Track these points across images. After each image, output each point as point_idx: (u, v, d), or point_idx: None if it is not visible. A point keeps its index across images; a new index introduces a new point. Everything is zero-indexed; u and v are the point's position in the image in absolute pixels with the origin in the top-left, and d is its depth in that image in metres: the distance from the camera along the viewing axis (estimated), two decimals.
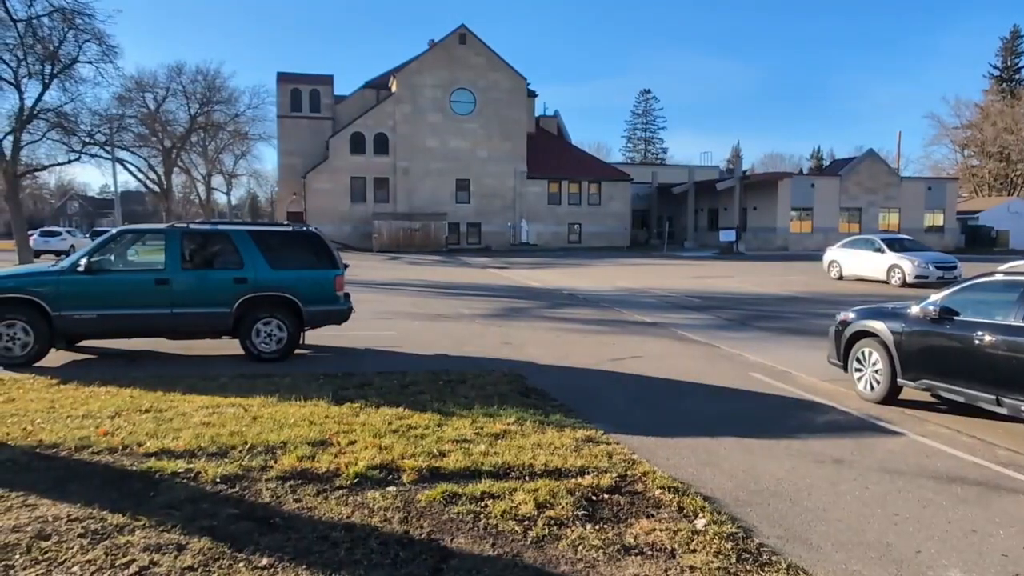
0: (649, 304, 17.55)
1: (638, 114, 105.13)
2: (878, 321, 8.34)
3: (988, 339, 6.91)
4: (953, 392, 7.40)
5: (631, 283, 22.81)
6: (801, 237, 46.12)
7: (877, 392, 8.21)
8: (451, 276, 26.12)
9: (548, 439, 6.43)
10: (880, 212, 48.50)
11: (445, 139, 46.75)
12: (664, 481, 5.53)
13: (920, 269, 22.02)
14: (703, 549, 4.41)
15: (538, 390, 8.41)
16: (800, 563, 4.31)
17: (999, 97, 74.60)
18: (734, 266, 31.43)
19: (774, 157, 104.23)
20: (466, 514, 4.86)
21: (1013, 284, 7.13)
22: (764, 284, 22.97)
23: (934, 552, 4.52)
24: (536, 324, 14.24)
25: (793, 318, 15.19)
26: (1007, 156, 72.56)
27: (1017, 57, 79.65)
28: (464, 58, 46.84)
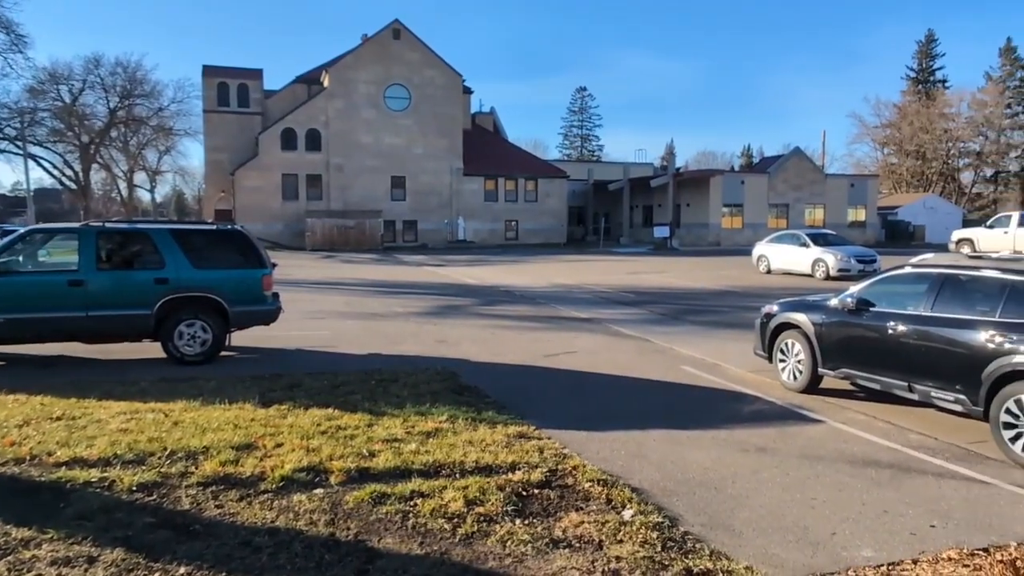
0: (584, 300, 17.74)
1: (574, 111, 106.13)
2: (800, 313, 8.62)
3: (900, 329, 7.23)
4: (869, 380, 7.72)
5: (567, 279, 23.02)
6: (732, 233, 47.36)
7: (800, 382, 8.50)
8: (386, 274, 25.82)
9: (480, 436, 6.42)
10: (806, 208, 50.21)
11: (380, 136, 46.11)
12: (594, 474, 5.59)
13: (842, 263, 22.91)
14: (630, 539, 4.47)
15: (472, 387, 8.39)
16: (722, 549, 4.42)
17: (915, 98, 78.28)
18: (668, 261, 32.07)
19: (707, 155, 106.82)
20: (395, 514, 4.81)
21: (922, 276, 7.47)
22: (696, 279, 23.52)
23: (848, 533, 4.70)
24: (472, 322, 14.21)
25: (723, 311, 15.60)
26: (923, 154, 76.23)
27: (932, 60, 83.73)
28: (399, 54, 46.30)
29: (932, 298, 7.10)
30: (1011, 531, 4.74)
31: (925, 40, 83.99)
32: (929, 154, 75.90)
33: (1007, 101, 77.09)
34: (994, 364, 6.27)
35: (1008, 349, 6.19)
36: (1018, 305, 6.35)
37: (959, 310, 6.83)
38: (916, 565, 4.21)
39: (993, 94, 75.98)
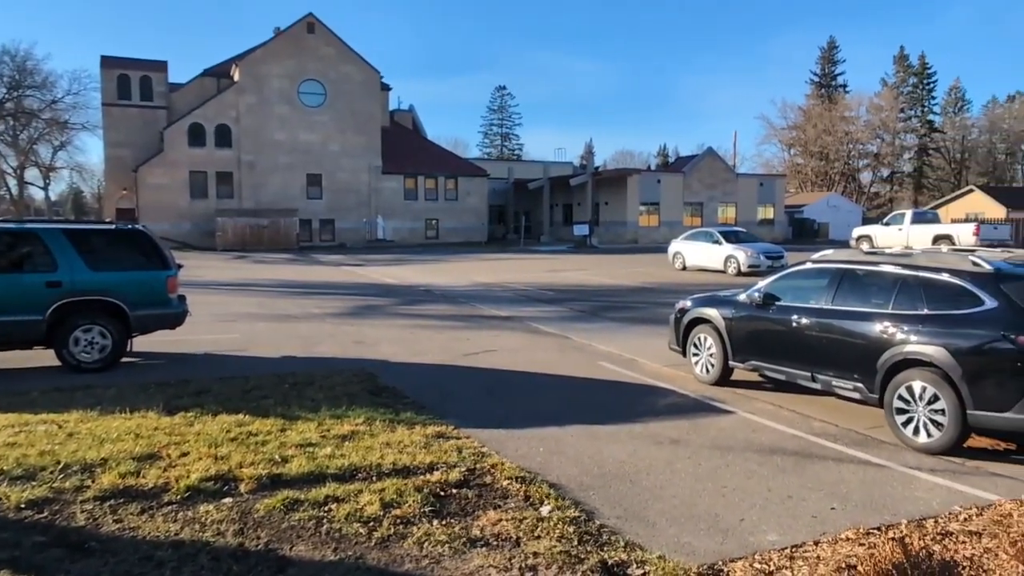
0: (505, 298, 17.79)
1: (494, 110, 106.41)
2: (711, 308, 8.90)
3: (803, 321, 7.56)
4: (776, 371, 8.03)
5: (488, 278, 23.03)
6: (649, 230, 48.54)
7: (712, 374, 8.76)
8: (302, 275, 25.16)
9: (398, 438, 6.32)
10: (719, 206, 52.00)
11: (294, 132, 44.86)
12: (512, 472, 5.59)
13: (752, 259, 23.82)
14: (547, 535, 4.49)
15: (390, 388, 8.26)
16: (637, 540, 4.50)
17: (819, 101, 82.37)
18: (587, 259, 32.57)
19: (625, 154, 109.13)
20: (308, 520, 4.67)
21: (823, 271, 7.83)
22: (615, 276, 23.97)
23: (755, 519, 4.87)
24: (390, 322, 14.02)
25: (641, 308, 15.95)
26: (826, 155, 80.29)
27: (833, 66, 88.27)
28: (313, 48, 45.19)
29: (832, 292, 7.44)
30: (903, 510, 5.02)
31: (827, 47, 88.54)
32: (832, 155, 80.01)
33: (901, 106, 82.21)
34: (888, 353, 6.63)
35: (900, 339, 6.56)
36: (909, 298, 6.73)
37: (856, 303, 7.19)
38: (817, 546, 4.40)
39: (888, 99, 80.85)
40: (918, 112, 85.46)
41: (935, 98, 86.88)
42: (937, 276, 6.63)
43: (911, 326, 6.53)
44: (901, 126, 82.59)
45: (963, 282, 6.42)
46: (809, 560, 4.21)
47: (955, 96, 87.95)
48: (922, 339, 6.40)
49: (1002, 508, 4.98)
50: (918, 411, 6.37)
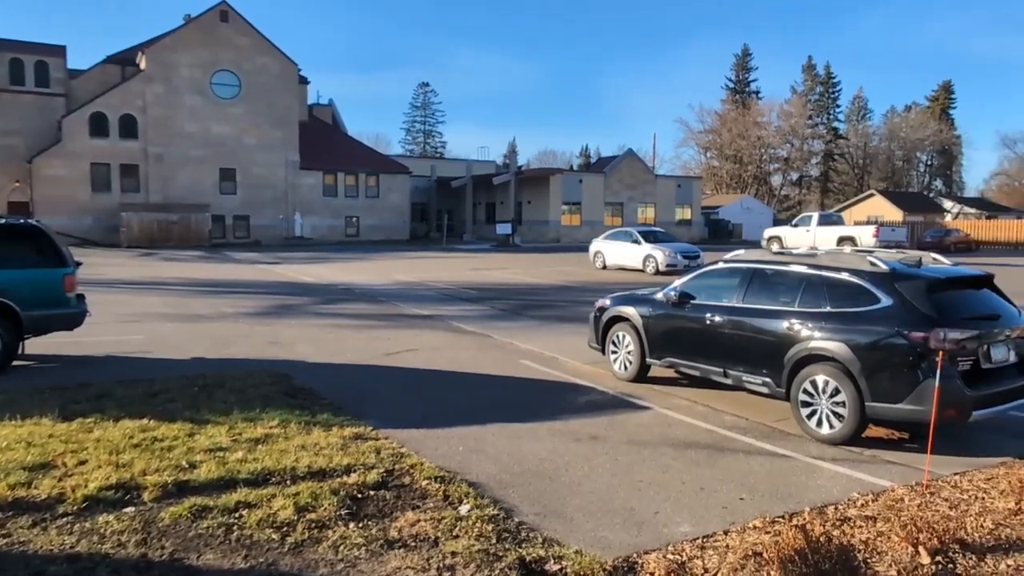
0: (427, 297, 17.65)
1: (417, 107, 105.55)
2: (629, 306, 9.07)
3: (716, 319, 7.81)
4: (691, 367, 8.27)
5: (410, 276, 22.81)
6: (571, 230, 49.21)
7: (630, 372, 8.94)
8: (214, 273, 24.24)
9: (314, 440, 6.17)
10: (639, 207, 53.23)
11: (206, 124, 43.09)
12: (431, 472, 5.55)
13: (670, 258, 24.48)
14: (465, 534, 4.48)
15: (306, 389, 8.05)
16: (555, 536, 4.54)
17: (734, 107, 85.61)
18: (510, 258, 32.71)
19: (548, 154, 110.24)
20: (217, 528, 4.49)
21: (734, 271, 8.11)
22: (537, 275, 24.16)
23: (669, 511, 5.00)
24: (308, 321, 13.67)
25: (562, 306, 16.12)
26: (740, 159, 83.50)
27: (747, 72, 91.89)
28: (227, 37, 43.54)
29: (743, 291, 7.72)
30: (806, 498, 5.26)
31: (741, 54, 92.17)
32: (745, 159, 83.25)
33: (809, 113, 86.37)
34: (793, 349, 6.93)
35: (805, 336, 6.86)
36: (813, 296, 7.04)
37: (765, 301, 7.47)
38: (727, 535, 4.55)
39: (798, 106, 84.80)
40: (824, 119, 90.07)
41: (840, 106, 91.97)
42: (838, 275, 6.97)
43: (815, 323, 6.84)
44: (809, 132, 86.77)
45: (862, 281, 6.77)
46: (719, 549, 4.35)
47: (858, 105, 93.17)
48: (825, 335, 6.71)
49: (895, 493, 5.29)
50: (821, 404, 6.68)
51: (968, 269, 7.27)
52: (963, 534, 4.35)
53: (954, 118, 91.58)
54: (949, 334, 6.11)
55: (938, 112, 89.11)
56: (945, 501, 5.12)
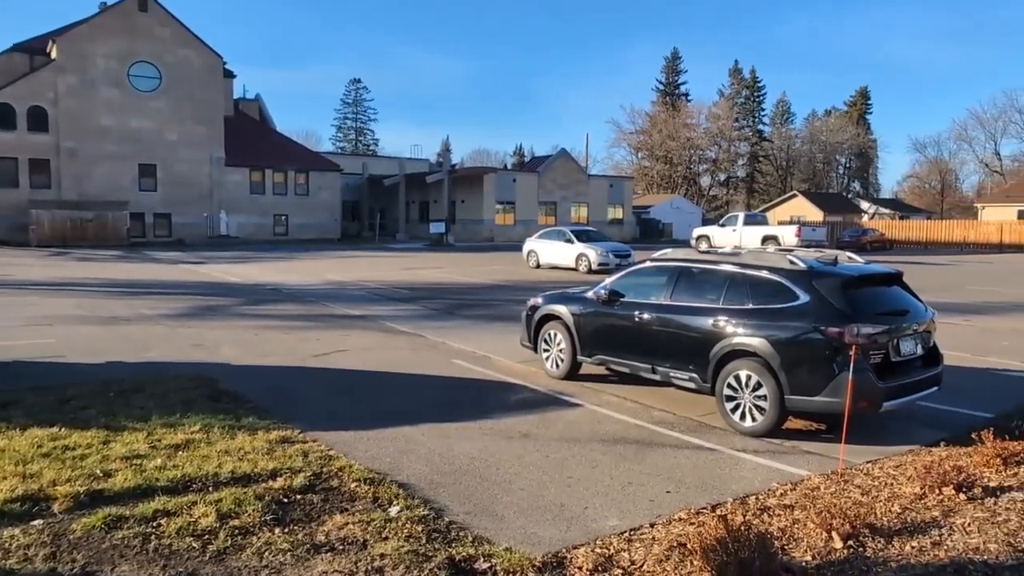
0: (358, 297, 17.39)
1: (348, 103, 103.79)
2: (561, 305, 9.16)
3: (645, 317, 7.96)
4: (620, 364, 8.40)
5: (341, 276, 22.42)
6: (505, 229, 49.34)
7: (562, 369, 9.03)
8: (133, 273, 23.24)
9: (238, 444, 6.00)
10: (572, 206, 53.78)
11: (124, 118, 41.17)
12: (361, 474, 5.48)
13: (602, 257, 24.83)
14: (395, 535, 4.43)
15: (231, 393, 7.81)
16: (485, 534, 4.54)
17: (664, 108, 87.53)
18: (444, 257, 32.56)
19: (481, 152, 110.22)
20: (133, 538, 4.32)
21: (662, 269, 8.28)
22: (470, 274, 24.13)
23: (598, 506, 5.07)
24: (233, 323, 13.27)
25: (495, 305, 16.14)
26: (670, 159, 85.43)
27: (677, 75, 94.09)
28: (146, 27, 41.73)
29: (670, 289, 7.89)
30: (729, 489, 5.43)
31: (671, 57, 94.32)
32: (675, 159, 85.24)
33: (735, 116, 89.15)
34: (718, 345, 7.13)
35: (729, 332, 7.07)
36: (737, 293, 7.26)
37: (692, 299, 7.65)
38: (653, 528, 4.65)
39: (725, 109, 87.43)
40: (750, 122, 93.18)
41: (765, 109, 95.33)
42: (760, 273, 7.20)
43: (738, 320, 7.06)
44: (736, 134, 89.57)
45: (781, 279, 7.02)
46: (645, 541, 4.44)
47: (782, 109, 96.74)
48: (748, 332, 6.93)
49: (811, 482, 5.51)
50: (744, 398, 6.89)
51: (879, 267, 7.64)
52: (873, 519, 4.57)
53: (870, 123, 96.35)
54: (862, 329, 6.40)
55: (856, 117, 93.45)
56: (858, 488, 5.37)
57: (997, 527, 4.48)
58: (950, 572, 3.87)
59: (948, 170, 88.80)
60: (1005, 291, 19.92)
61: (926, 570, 3.90)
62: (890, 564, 3.98)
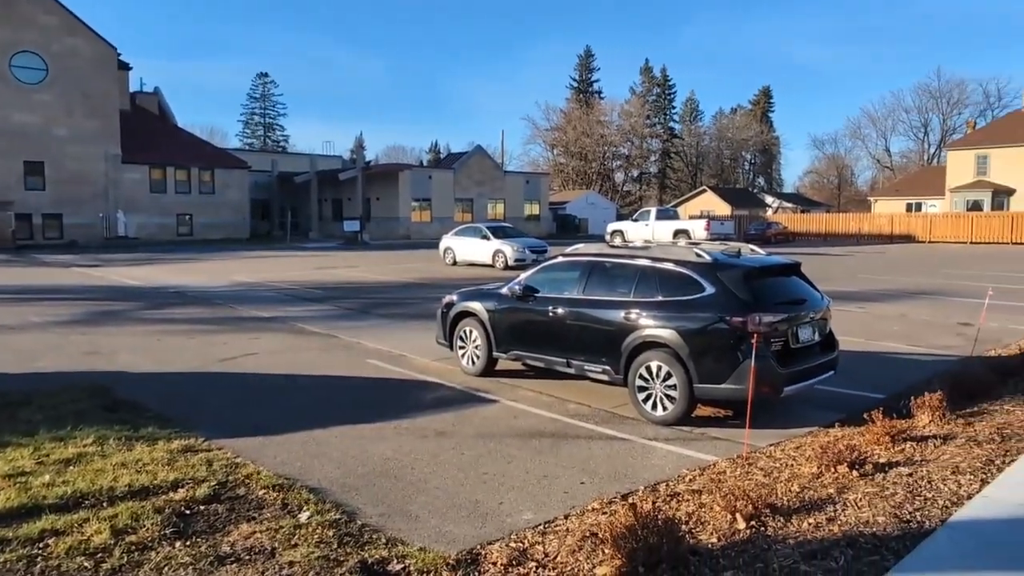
0: (268, 298, 16.84)
1: (256, 98, 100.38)
2: (476, 302, 9.13)
3: (559, 311, 8.03)
4: (536, 359, 8.45)
5: (250, 277, 21.67)
6: (421, 226, 48.93)
7: (478, 366, 9.01)
8: (19, 277, 21.70)
9: (136, 456, 5.69)
10: (489, 203, 53.88)
11: (6, 112, 38.27)
12: (269, 480, 5.30)
13: (519, 253, 24.97)
14: (305, 542, 4.31)
15: (129, 402, 7.41)
16: (399, 535, 4.47)
17: (578, 105, 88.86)
18: (358, 256, 31.97)
19: (396, 149, 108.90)
20: (16, 561, 4.02)
21: (575, 264, 8.38)
22: (386, 272, 23.79)
23: (513, 500, 5.08)
24: (133, 328, 12.59)
25: (411, 304, 15.96)
26: (585, 156, 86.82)
27: (590, 73, 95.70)
28: (29, 15, 38.96)
29: (583, 283, 7.99)
30: (641, 477, 5.55)
31: (584, 55, 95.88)
32: (590, 156, 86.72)
33: (647, 113, 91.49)
34: (630, 337, 7.27)
35: (640, 324, 7.22)
36: (647, 286, 7.42)
37: (604, 293, 7.78)
38: (567, 519, 4.70)
39: (637, 107, 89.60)
40: (661, 119, 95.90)
41: (675, 107, 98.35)
42: (668, 267, 7.39)
43: (649, 312, 7.22)
44: (647, 131, 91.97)
45: (688, 271, 7.22)
46: (559, 533, 4.47)
47: (691, 107, 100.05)
48: (658, 323, 7.09)
49: (718, 467, 5.71)
50: (656, 387, 7.06)
51: (779, 258, 7.98)
52: (774, 499, 4.76)
53: (773, 120, 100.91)
54: (764, 318, 6.66)
55: (759, 115, 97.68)
56: (761, 470, 5.59)
57: (885, 501, 4.75)
58: (843, 545, 4.08)
59: (844, 166, 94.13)
60: (895, 279, 21.25)
61: (821, 545, 4.10)
62: (788, 541, 4.16)
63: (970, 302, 15.06)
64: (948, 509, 4.63)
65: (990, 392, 7.63)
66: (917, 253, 35.04)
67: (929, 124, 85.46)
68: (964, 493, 4.90)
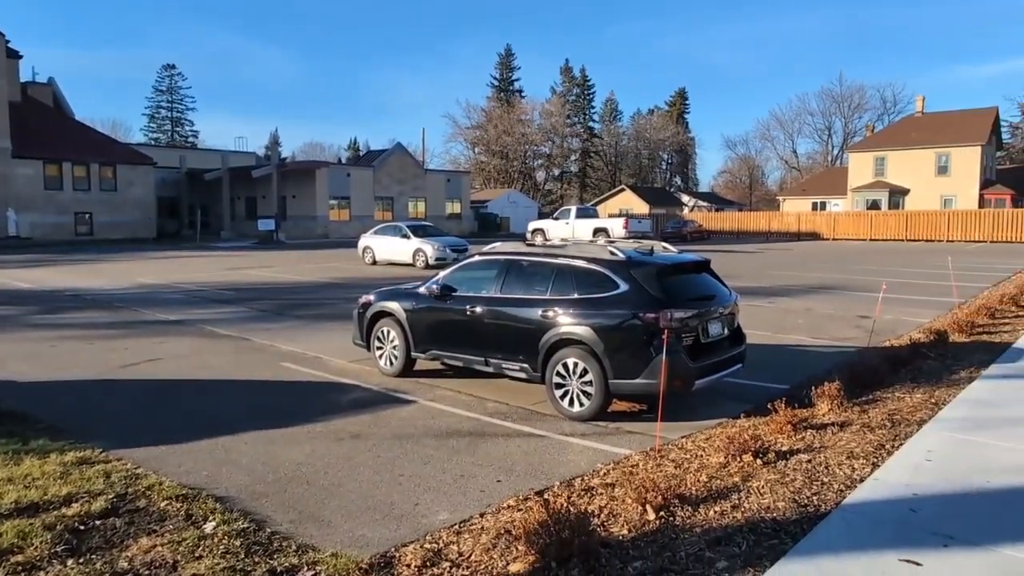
0: (176, 300, 16.14)
1: (162, 91, 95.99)
2: (393, 301, 9.02)
3: (476, 310, 8.02)
4: (454, 358, 8.42)
5: (156, 279, 20.72)
6: (340, 225, 47.97)
7: (396, 366, 8.90)
8: None
9: (24, 471, 5.34)
10: (410, 201, 53.35)
11: None
12: (172, 491, 5.07)
13: (439, 252, 24.84)
14: (209, 553, 4.15)
15: (18, 414, 6.93)
16: (310, 541, 4.36)
17: (499, 104, 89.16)
18: (274, 256, 31.09)
19: (314, 146, 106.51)
20: None
21: (492, 263, 8.39)
22: (303, 272, 23.22)
23: (429, 501, 5.04)
24: (23, 334, 11.79)
25: (328, 304, 15.63)
26: (506, 154, 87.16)
27: (511, 71, 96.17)
28: None
29: (500, 282, 8.01)
30: (558, 473, 5.60)
31: (505, 53, 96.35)
32: (511, 154, 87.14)
33: (567, 113, 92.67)
34: (547, 335, 7.33)
35: (557, 322, 7.29)
36: (563, 284, 7.50)
37: (521, 291, 7.81)
38: (483, 518, 4.70)
39: (557, 106, 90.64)
40: (581, 119, 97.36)
41: (595, 107, 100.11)
42: (584, 264, 7.49)
43: (565, 310, 7.30)
44: (568, 131, 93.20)
45: (603, 269, 7.34)
46: (474, 532, 4.47)
47: (610, 107, 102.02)
48: (574, 321, 7.18)
49: (631, 460, 5.83)
50: (572, 384, 7.15)
51: (690, 256, 8.21)
52: (683, 489, 4.91)
53: (688, 121, 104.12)
54: (675, 314, 6.85)
55: (676, 116, 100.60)
56: (672, 462, 5.74)
57: (785, 487, 4.98)
58: (746, 531, 4.24)
59: (755, 166, 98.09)
60: (801, 275, 22.29)
61: (725, 532, 4.25)
62: (695, 530, 4.30)
63: (869, 296, 15.96)
64: (842, 492, 4.88)
65: (883, 381, 8.09)
66: (822, 250, 36.87)
67: (832, 127, 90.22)
68: (857, 477, 5.19)
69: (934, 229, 44.28)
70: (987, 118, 55.73)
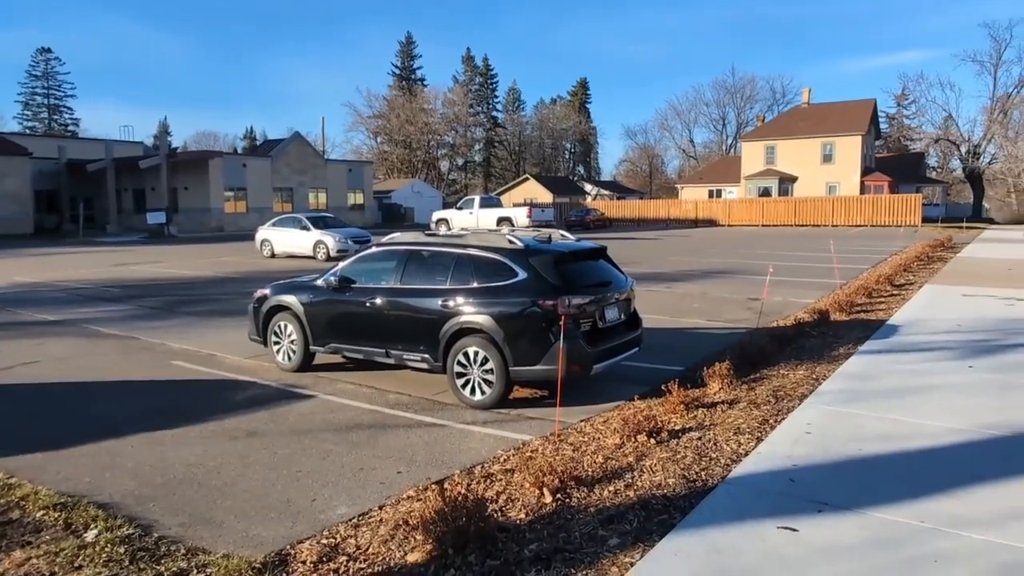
0: (56, 299, 15.11)
1: (37, 76, 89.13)
2: (290, 295, 8.78)
3: (376, 301, 7.92)
4: (354, 351, 8.30)
5: (33, 276, 19.32)
6: (236, 217, 46.09)
7: (294, 361, 8.68)
8: None
9: None
10: (310, 192, 51.83)
11: None
12: (49, 500, 4.79)
13: (341, 244, 24.30)
14: (91, 563, 3.96)
15: None
16: (201, 544, 4.23)
17: (401, 93, 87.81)
18: (164, 250, 29.58)
19: (208, 135, 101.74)
20: None
21: (392, 253, 8.30)
22: (196, 267, 22.22)
23: (327, 496, 4.97)
24: None
25: (222, 300, 15.03)
26: (410, 144, 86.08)
27: (412, 60, 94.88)
28: None
29: (400, 272, 7.94)
30: (458, 462, 5.64)
31: (405, 41, 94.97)
32: (414, 144, 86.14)
33: (470, 102, 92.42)
34: (448, 324, 7.34)
35: (458, 311, 7.30)
36: (463, 274, 7.51)
37: (421, 281, 7.78)
38: (381, 510, 4.67)
39: (460, 95, 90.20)
40: (485, 108, 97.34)
41: (498, 97, 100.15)
42: (483, 254, 7.53)
43: (465, 299, 7.32)
44: (471, 120, 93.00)
45: (502, 258, 7.41)
46: (372, 524, 4.44)
47: (513, 96, 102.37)
48: (474, 310, 7.22)
49: (531, 446, 5.93)
50: (473, 373, 7.19)
51: (587, 243, 8.39)
52: (580, 472, 5.05)
53: (590, 111, 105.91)
54: (572, 300, 6.99)
55: (578, 105, 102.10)
56: (570, 446, 5.89)
57: (676, 464, 5.20)
58: (638, 508, 4.42)
59: (655, 155, 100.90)
60: (698, 260, 23.18)
61: (618, 510, 4.41)
62: (590, 510, 4.43)
63: (760, 279, 16.79)
64: (728, 467, 5.16)
65: (770, 359, 8.56)
66: (718, 236, 38.47)
67: (727, 117, 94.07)
68: (743, 451, 5.48)
69: (820, 214, 46.98)
70: (866, 109, 59.53)
